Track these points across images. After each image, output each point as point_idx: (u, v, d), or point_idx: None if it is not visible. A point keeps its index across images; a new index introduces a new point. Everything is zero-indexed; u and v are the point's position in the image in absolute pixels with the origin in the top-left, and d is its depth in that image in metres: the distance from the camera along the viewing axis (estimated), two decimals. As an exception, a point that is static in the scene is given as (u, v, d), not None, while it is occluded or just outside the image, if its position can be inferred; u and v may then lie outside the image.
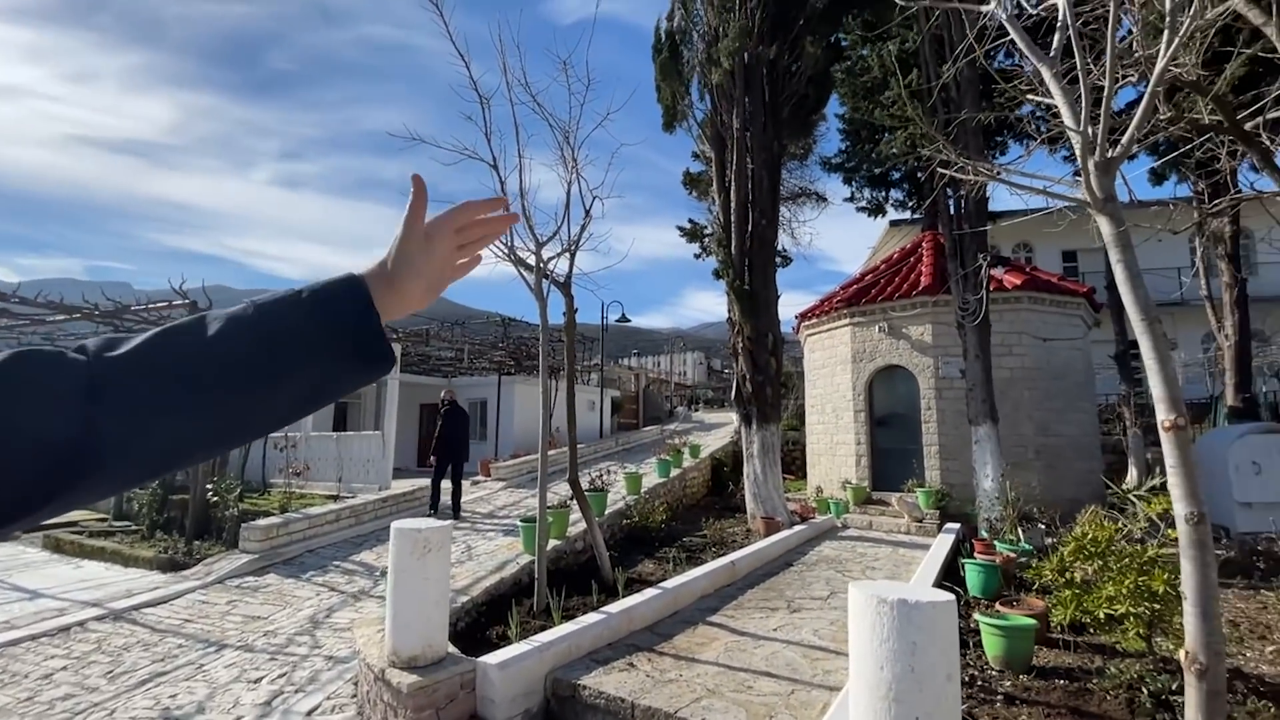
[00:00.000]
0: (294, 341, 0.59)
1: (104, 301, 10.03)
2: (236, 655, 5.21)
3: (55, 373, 0.50)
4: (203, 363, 0.55)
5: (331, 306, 0.62)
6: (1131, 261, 2.74)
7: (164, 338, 0.55)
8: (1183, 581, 2.59)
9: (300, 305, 0.61)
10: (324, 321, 0.61)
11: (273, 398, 0.58)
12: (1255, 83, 8.00)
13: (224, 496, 9.21)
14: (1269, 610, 5.61)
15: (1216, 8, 4.92)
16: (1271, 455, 9.12)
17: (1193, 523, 2.55)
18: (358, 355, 0.63)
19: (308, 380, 0.60)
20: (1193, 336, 19.36)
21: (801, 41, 10.65)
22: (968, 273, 8.84)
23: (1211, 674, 2.50)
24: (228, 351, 0.56)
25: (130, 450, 0.51)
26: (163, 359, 0.54)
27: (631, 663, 4.35)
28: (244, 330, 0.58)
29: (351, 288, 0.64)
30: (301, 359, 0.59)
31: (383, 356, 0.64)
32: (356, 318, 0.63)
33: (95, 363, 0.52)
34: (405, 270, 0.69)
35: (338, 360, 0.62)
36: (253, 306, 0.60)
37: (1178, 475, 2.61)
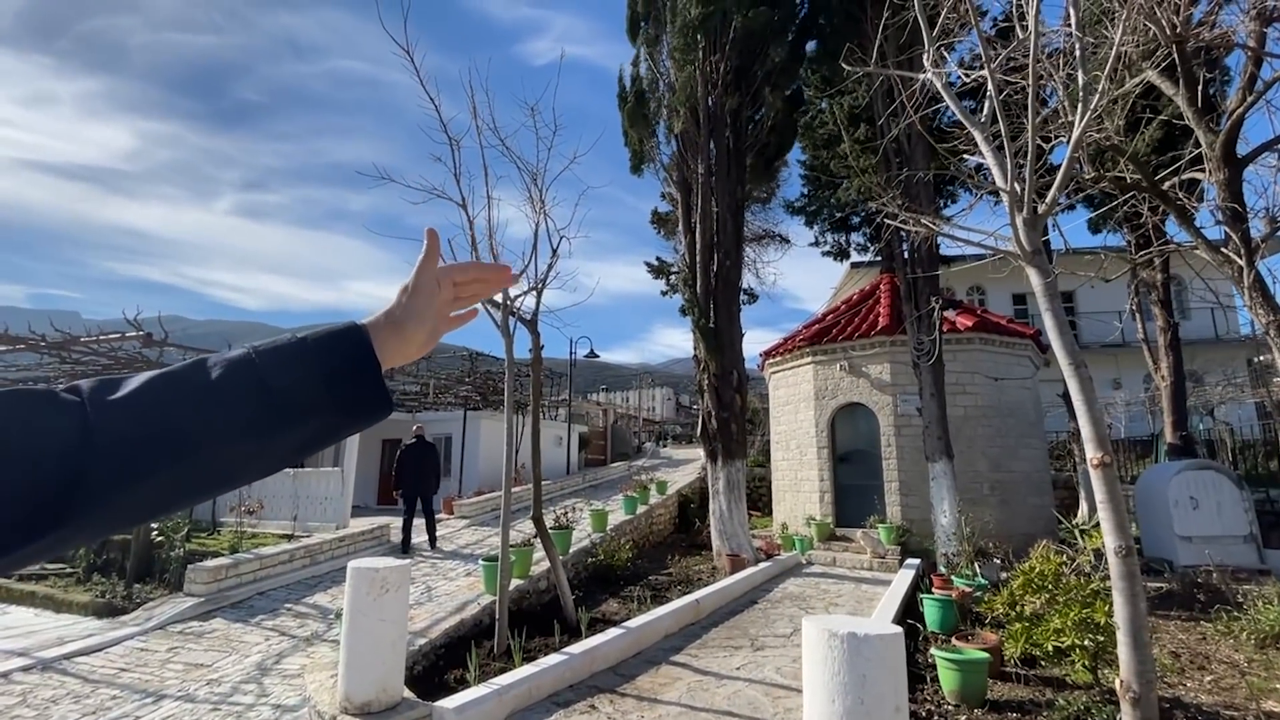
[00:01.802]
0: (295, 395, 0.58)
1: (51, 332, 9.67)
2: (176, 706, 4.94)
3: (48, 415, 0.49)
4: (201, 416, 0.54)
5: (333, 358, 0.62)
6: (1058, 310, 2.95)
7: (164, 384, 0.54)
8: (1115, 613, 2.73)
9: (303, 356, 0.61)
10: (326, 373, 0.61)
11: (269, 450, 0.58)
12: (1175, 144, 8.74)
13: (169, 536, 8.80)
14: (1208, 641, 5.85)
15: (1134, 79, 5.43)
16: (1207, 490, 9.59)
17: (1121, 555, 2.71)
18: (357, 405, 0.62)
19: (307, 431, 0.60)
20: (1135, 376, 20.35)
21: (763, 92, 11.20)
22: (921, 314, 9.23)
23: (1144, 701, 2.62)
24: (227, 406, 0.55)
25: (119, 500, 0.50)
26: (160, 409, 0.53)
27: (593, 704, 4.29)
28: (244, 383, 0.57)
29: (353, 337, 0.64)
30: (302, 413, 0.59)
31: (382, 405, 0.64)
32: (357, 368, 0.63)
33: (90, 407, 0.50)
34: (415, 318, 0.70)
35: (337, 411, 0.61)
36: (255, 354, 0.59)
37: (1107, 509, 2.78)
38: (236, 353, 0.60)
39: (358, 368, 0.63)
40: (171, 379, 0.56)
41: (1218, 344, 19.52)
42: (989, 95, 3.02)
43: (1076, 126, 2.87)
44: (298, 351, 0.61)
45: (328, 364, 0.62)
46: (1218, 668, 5.11)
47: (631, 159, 12.18)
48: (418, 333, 0.71)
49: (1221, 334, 20.04)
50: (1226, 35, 5.08)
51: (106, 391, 0.52)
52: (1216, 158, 5.23)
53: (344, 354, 0.63)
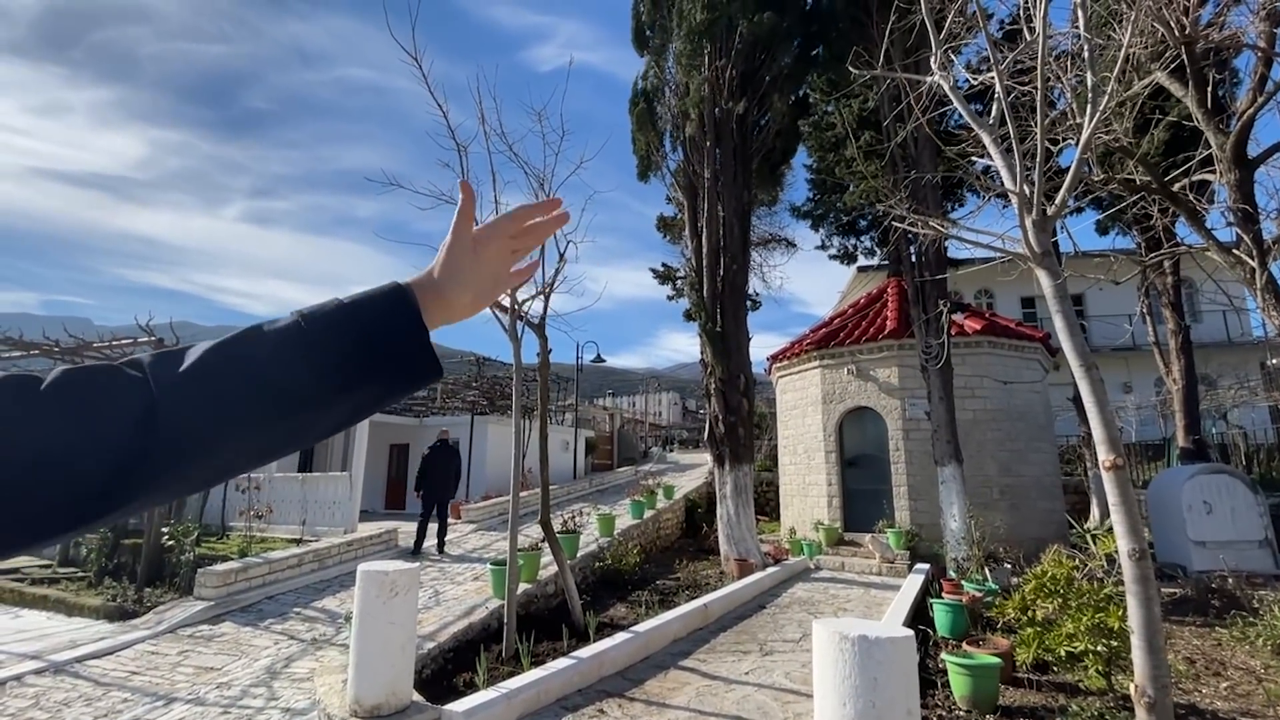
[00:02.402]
0: (345, 364, 0.59)
1: (65, 337, 9.77)
2: (186, 709, 4.96)
3: (116, 390, 0.51)
4: (256, 387, 0.55)
5: (381, 325, 0.61)
6: (1069, 311, 2.94)
7: (222, 357, 0.56)
8: (1129, 617, 2.70)
9: (351, 324, 0.60)
10: (375, 341, 0.60)
11: (321, 419, 0.59)
12: (1185, 146, 8.69)
13: (180, 541, 8.85)
14: (1223, 647, 5.77)
15: (1143, 80, 5.41)
16: (1221, 494, 9.48)
17: (1135, 558, 2.69)
18: (407, 371, 0.62)
19: (358, 397, 0.60)
20: (1146, 380, 20.17)
21: (769, 97, 11.22)
22: (929, 318, 9.20)
23: (1160, 706, 2.59)
24: (280, 376, 0.56)
25: (184, 467, 0.52)
26: (220, 382, 0.54)
27: (601, 709, 4.28)
28: (296, 353, 0.58)
29: (400, 302, 0.63)
30: (353, 381, 0.59)
31: (431, 370, 0.63)
32: (407, 334, 0.62)
33: (154, 381, 0.52)
34: (453, 281, 0.68)
35: (387, 377, 0.61)
36: (304, 322, 0.59)
37: (1120, 512, 2.76)
38: (286, 320, 0.60)
39: (405, 333, 0.62)
40: (228, 352, 0.56)
41: (1231, 347, 19.33)
42: (997, 98, 3.02)
43: (1085, 128, 2.86)
44: (345, 317, 0.61)
45: (375, 331, 0.61)
46: (1233, 674, 5.05)
47: (639, 165, 12.23)
48: (461, 296, 0.68)
49: (1234, 337, 19.86)
50: (1236, 36, 5.06)
51: (168, 365, 0.54)
52: (1227, 159, 5.20)
53: (390, 320, 0.62)
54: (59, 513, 0.48)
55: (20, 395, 0.49)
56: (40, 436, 0.47)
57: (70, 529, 0.49)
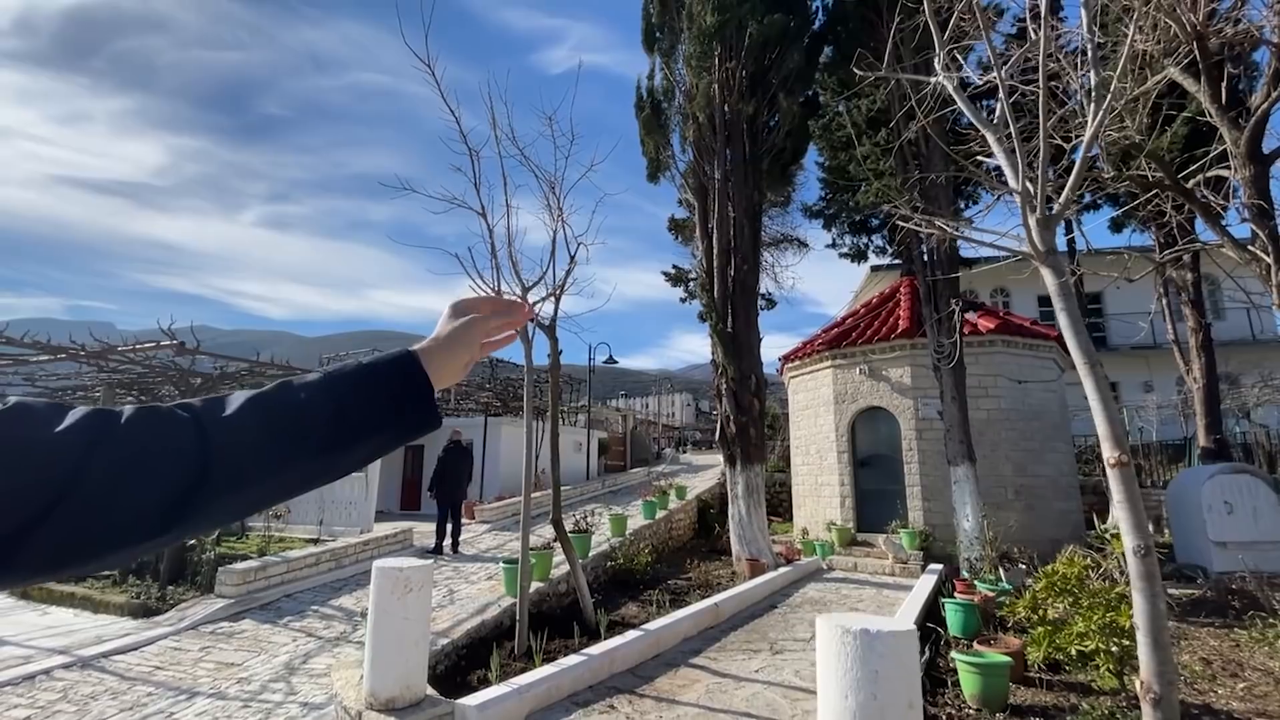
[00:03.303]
0: (366, 415, 0.70)
1: (90, 341, 10.03)
2: (208, 703, 5.09)
3: (175, 429, 0.59)
4: (291, 433, 0.65)
5: (394, 384, 0.73)
6: (1074, 309, 2.95)
7: (263, 405, 0.65)
8: (1135, 613, 2.71)
9: (370, 383, 0.72)
10: (389, 397, 0.72)
11: (343, 460, 0.69)
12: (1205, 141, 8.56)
13: (201, 540, 9.05)
14: (1242, 648, 5.69)
15: (1155, 76, 5.37)
16: (1242, 495, 9.33)
17: (1140, 555, 2.69)
18: (415, 423, 0.73)
19: (373, 444, 0.71)
20: (1168, 379, 19.83)
21: (779, 98, 11.23)
22: (941, 317, 9.15)
23: (1166, 702, 2.59)
24: (315, 425, 0.67)
25: (229, 501, 0.61)
26: (261, 428, 0.64)
27: (611, 704, 4.34)
28: (327, 406, 0.68)
29: (409, 365, 0.75)
30: (371, 429, 0.70)
31: (433, 421, 0.75)
32: (415, 392, 0.74)
33: (204, 423, 0.61)
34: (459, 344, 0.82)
35: (398, 428, 0.72)
36: (330, 380, 0.71)
37: (1125, 509, 2.76)
38: (313, 377, 0.71)
39: (415, 391, 0.74)
40: (266, 401, 0.66)
41: (1254, 345, 18.97)
42: (1000, 98, 3.04)
43: (1089, 126, 2.87)
44: (366, 378, 0.72)
45: (391, 389, 0.72)
46: (1251, 675, 4.98)
47: (648, 167, 12.29)
48: (462, 355, 0.82)
49: (1258, 335, 19.48)
50: (1250, 31, 5.00)
51: (216, 410, 0.63)
52: (1242, 154, 5.15)
53: (403, 380, 0.74)
54: (141, 524, 0.55)
55: (106, 421, 0.57)
56: (126, 456, 0.56)
57: (151, 537, 0.56)
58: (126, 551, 0.57)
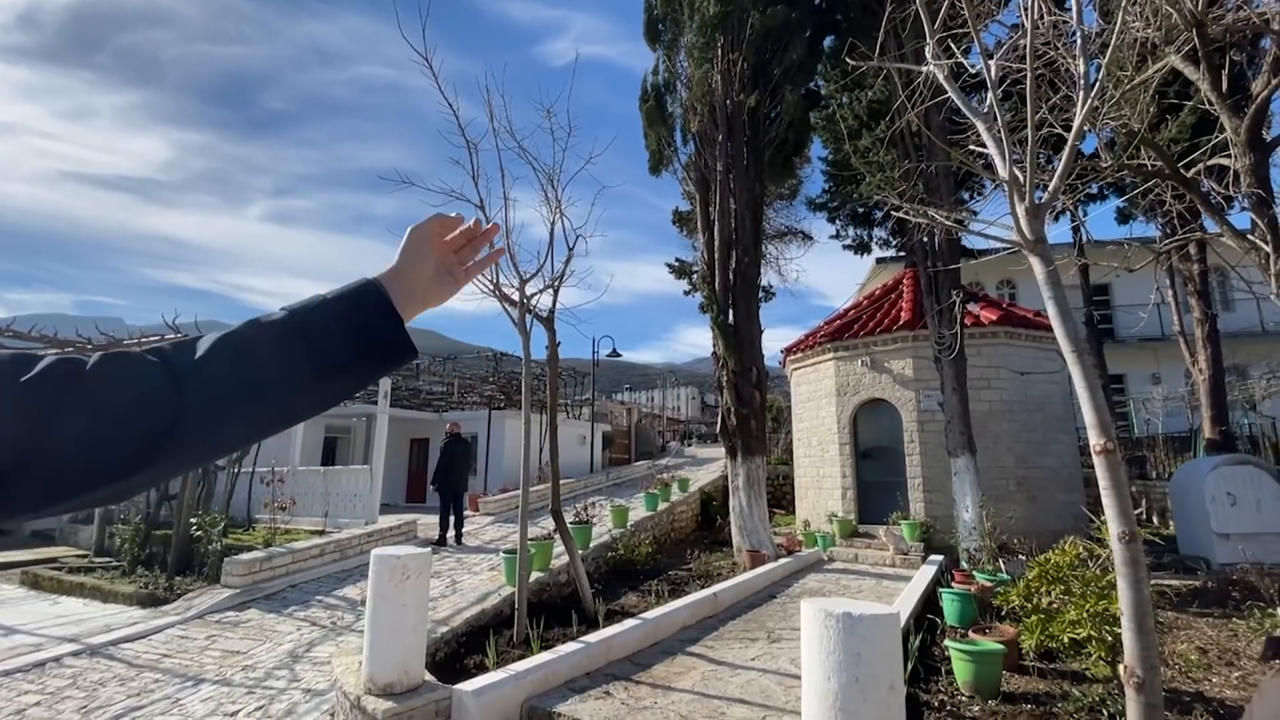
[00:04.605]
0: (336, 348, 0.69)
1: (97, 336, 10.15)
2: (214, 689, 5.19)
3: (147, 372, 0.60)
4: (265, 369, 0.66)
5: (359, 314, 0.72)
6: (1061, 298, 2.96)
7: (232, 344, 0.65)
8: (1120, 599, 2.73)
9: (336, 316, 0.71)
10: (356, 328, 0.71)
11: (315, 393, 0.70)
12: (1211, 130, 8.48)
13: (207, 531, 9.18)
14: (1239, 638, 5.70)
15: (1156, 64, 5.33)
16: (1245, 486, 9.29)
17: (1125, 541, 2.71)
18: (387, 352, 0.73)
19: (346, 377, 0.71)
20: (1176, 370, 19.65)
21: (781, 89, 11.18)
22: (942, 308, 9.13)
23: (1148, 686, 2.62)
24: (284, 360, 0.67)
25: (204, 439, 0.62)
26: (232, 365, 0.64)
27: (608, 691, 4.39)
28: (295, 340, 0.68)
29: (371, 293, 0.74)
30: (343, 362, 0.70)
31: (407, 351, 0.74)
32: (381, 320, 0.73)
33: (175, 365, 0.62)
34: (411, 259, 0.80)
35: (369, 361, 0.72)
36: (295, 316, 0.70)
37: (1110, 496, 2.78)
38: (279, 315, 0.70)
39: (382, 320, 0.74)
40: (234, 341, 0.67)
41: (1263, 336, 18.79)
42: (989, 87, 3.04)
43: (1078, 115, 2.87)
44: (331, 313, 0.72)
45: (356, 319, 0.72)
46: (1246, 664, 5.00)
47: (651, 159, 12.28)
48: (421, 270, 0.80)
49: (1268, 326, 19.28)
50: (1249, 19, 4.96)
51: (187, 352, 0.64)
52: (1242, 142, 5.11)
53: (367, 310, 0.73)
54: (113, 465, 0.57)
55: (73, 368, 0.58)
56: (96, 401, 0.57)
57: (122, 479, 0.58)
58: (106, 489, 0.58)
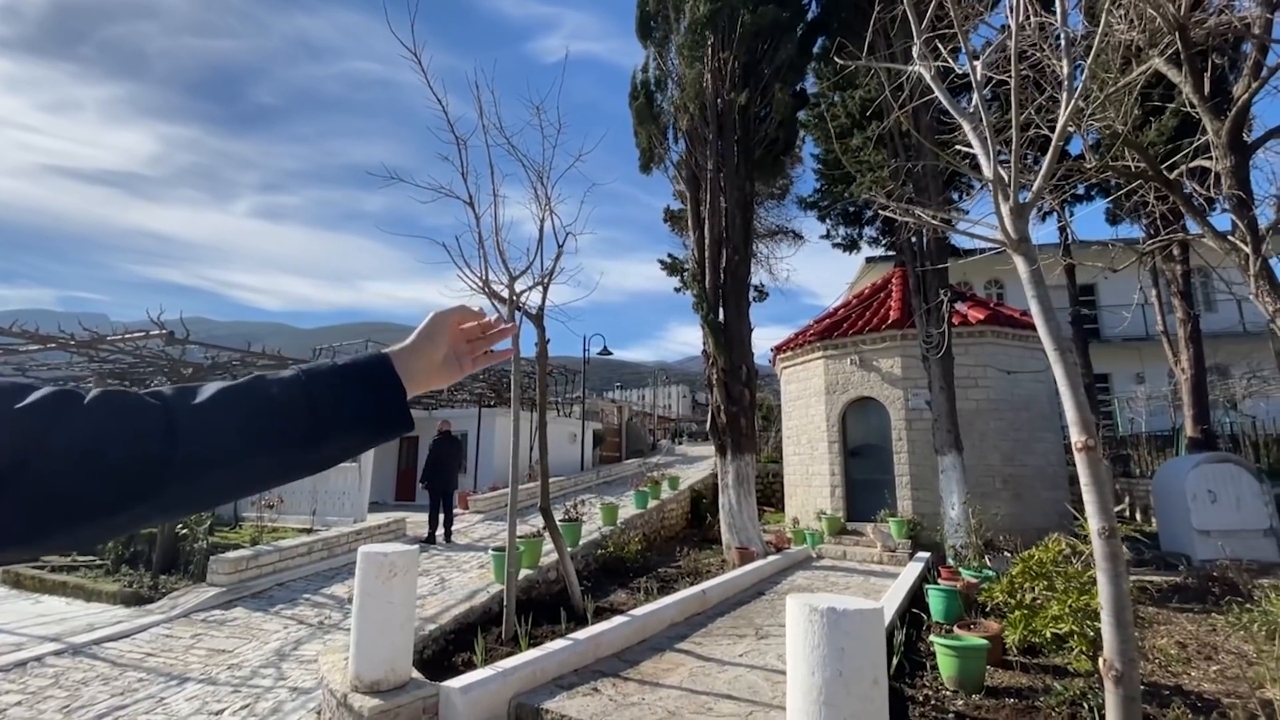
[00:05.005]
0: (336, 414, 0.71)
1: (80, 332, 10.02)
2: (199, 688, 5.16)
3: (146, 406, 0.60)
4: (263, 424, 0.66)
5: (366, 384, 0.74)
6: (1044, 297, 2.99)
7: (232, 394, 0.66)
8: (1099, 593, 2.77)
9: (343, 382, 0.73)
10: (362, 397, 0.73)
11: (310, 456, 0.70)
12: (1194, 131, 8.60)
13: (193, 530, 9.10)
14: (1218, 633, 5.80)
15: (1140, 66, 5.40)
16: (1225, 484, 9.43)
17: (1105, 536, 2.75)
18: (385, 423, 0.75)
19: (344, 442, 0.72)
20: (1160, 370, 19.91)
21: (771, 88, 11.21)
22: (930, 307, 9.20)
23: (1127, 679, 2.66)
24: (284, 418, 0.68)
25: (195, 482, 0.61)
26: (230, 415, 0.64)
27: (596, 688, 4.40)
28: (298, 400, 0.69)
29: (381, 366, 0.77)
30: (340, 428, 0.71)
31: (404, 423, 0.76)
32: (388, 393, 0.75)
33: (173, 409, 0.61)
34: (426, 340, 0.84)
35: (368, 427, 0.73)
36: (304, 377, 0.72)
37: (1091, 492, 2.82)
38: (288, 373, 0.72)
39: (386, 392, 0.76)
40: (237, 391, 0.68)
41: (1244, 337, 19.08)
42: (975, 87, 3.07)
43: (1061, 116, 2.91)
44: (338, 377, 0.73)
45: (363, 389, 0.74)
46: (1225, 658, 5.08)
47: (641, 157, 12.27)
48: (432, 354, 0.84)
49: (1249, 327, 19.57)
50: (1231, 22, 5.03)
51: (187, 397, 0.65)
52: (1223, 144, 5.18)
53: (376, 381, 0.76)
54: (100, 500, 0.56)
55: (67, 399, 0.58)
56: (87, 433, 0.57)
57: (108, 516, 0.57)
58: (89, 527, 0.57)
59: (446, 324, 0.86)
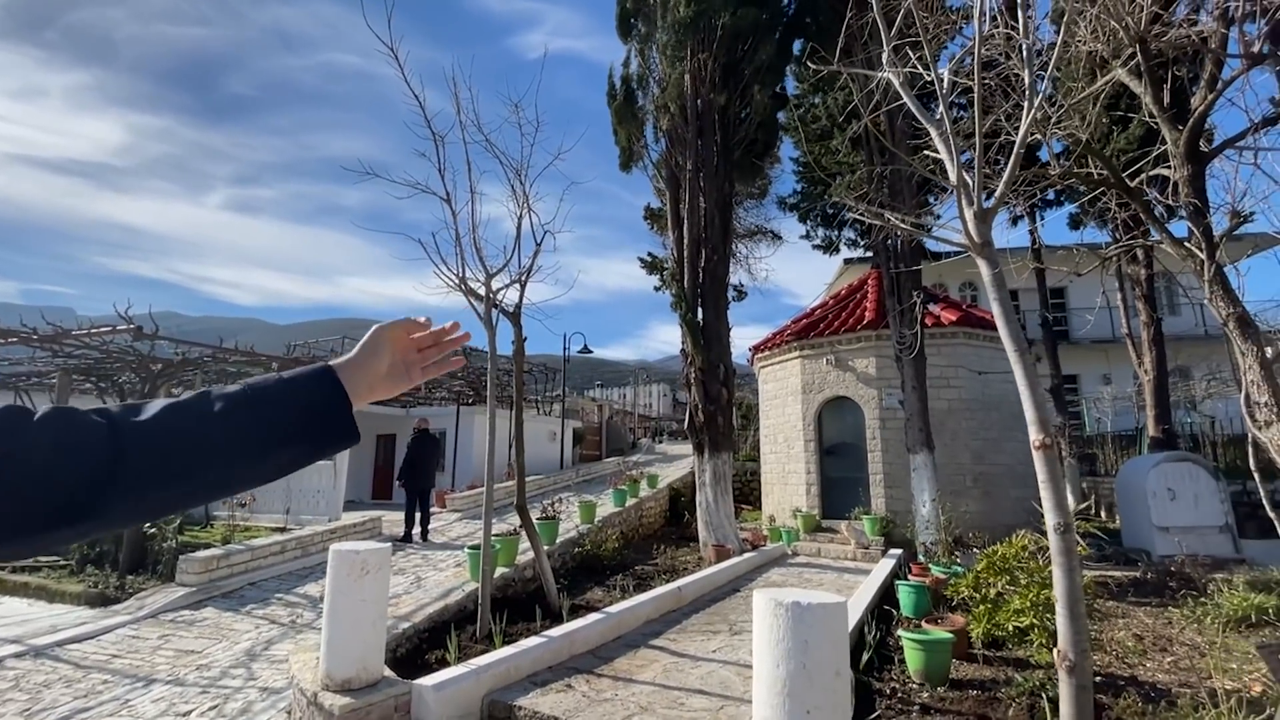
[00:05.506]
0: (280, 427, 0.72)
1: (44, 326, 9.75)
2: (166, 690, 5.07)
3: (86, 428, 0.62)
4: (206, 437, 0.68)
5: (310, 396, 0.76)
6: (1005, 299, 3.09)
7: (177, 410, 0.68)
8: (1054, 587, 2.87)
9: (287, 395, 0.74)
10: (306, 410, 0.74)
11: (257, 469, 0.72)
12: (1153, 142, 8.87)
13: (162, 529, 8.91)
14: (1173, 625, 6.01)
15: (1104, 77, 5.56)
16: (1184, 482, 9.77)
17: (1060, 532, 2.85)
18: (329, 435, 0.76)
19: (288, 454, 0.74)
20: (1125, 371, 20.48)
21: (751, 89, 11.31)
22: (904, 309, 9.37)
23: (1079, 669, 2.76)
24: (227, 430, 0.69)
25: (140, 499, 0.63)
26: (174, 430, 0.66)
27: (569, 684, 4.43)
28: (241, 413, 0.70)
29: (326, 378, 0.78)
30: (285, 441, 0.73)
31: (350, 435, 0.78)
32: (330, 404, 0.76)
33: (118, 426, 0.63)
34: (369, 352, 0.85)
35: (312, 439, 0.75)
36: (249, 390, 0.73)
37: (1047, 489, 2.92)
38: (234, 388, 0.74)
39: (330, 404, 0.77)
40: (182, 406, 0.69)
41: (1205, 340, 19.70)
42: (940, 94, 3.15)
43: (1023, 123, 3.00)
44: (282, 391, 0.75)
45: (306, 401, 0.75)
46: (1179, 650, 5.27)
47: (621, 156, 12.30)
48: (376, 366, 0.85)
49: (1209, 330, 20.22)
50: (1188, 36, 5.21)
51: (131, 414, 0.66)
52: (1181, 154, 5.36)
53: (319, 393, 0.77)
54: (46, 515, 0.58)
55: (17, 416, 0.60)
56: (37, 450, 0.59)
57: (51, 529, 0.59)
58: (35, 539, 0.59)
59: (388, 337, 0.88)
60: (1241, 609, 5.76)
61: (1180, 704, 3.80)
